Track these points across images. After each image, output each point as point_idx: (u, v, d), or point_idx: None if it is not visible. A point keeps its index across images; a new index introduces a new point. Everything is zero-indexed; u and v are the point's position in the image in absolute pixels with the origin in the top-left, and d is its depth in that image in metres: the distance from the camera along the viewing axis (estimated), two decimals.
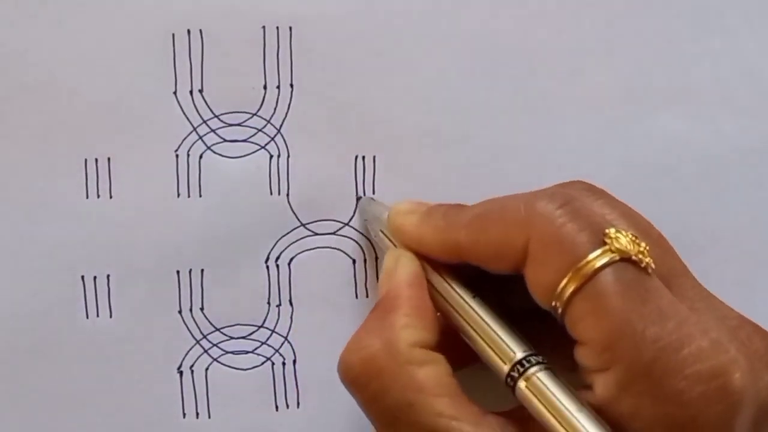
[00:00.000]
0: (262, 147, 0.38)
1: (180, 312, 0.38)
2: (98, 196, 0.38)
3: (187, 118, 0.38)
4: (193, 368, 0.38)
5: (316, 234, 0.39)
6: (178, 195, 0.38)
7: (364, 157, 0.39)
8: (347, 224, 0.39)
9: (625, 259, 0.30)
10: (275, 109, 0.38)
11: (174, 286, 0.38)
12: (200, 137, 0.38)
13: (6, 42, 0.36)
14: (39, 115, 0.37)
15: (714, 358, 0.29)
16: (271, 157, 0.38)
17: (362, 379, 0.33)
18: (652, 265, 0.31)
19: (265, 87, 0.38)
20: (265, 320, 0.39)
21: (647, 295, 0.30)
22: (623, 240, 0.30)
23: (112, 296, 0.38)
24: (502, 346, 0.32)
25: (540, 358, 0.32)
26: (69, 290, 0.38)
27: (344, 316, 0.39)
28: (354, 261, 0.39)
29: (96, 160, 0.37)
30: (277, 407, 0.39)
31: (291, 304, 0.39)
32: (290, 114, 0.38)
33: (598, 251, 0.30)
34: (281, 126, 0.38)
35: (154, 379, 0.38)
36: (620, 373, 0.29)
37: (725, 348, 0.30)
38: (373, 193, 0.39)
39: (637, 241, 0.31)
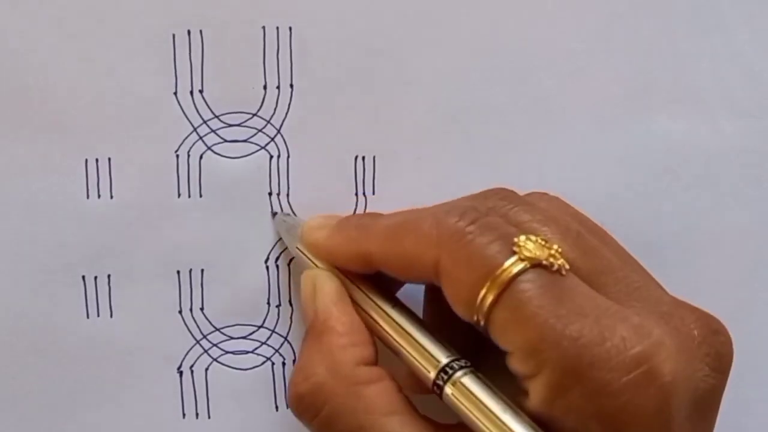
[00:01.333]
0: (262, 147, 0.38)
1: (180, 312, 0.38)
2: (99, 196, 0.38)
3: (188, 119, 0.38)
4: (193, 368, 0.38)
5: None
6: (178, 195, 0.38)
7: (364, 157, 0.39)
8: None
9: (536, 265, 0.30)
10: (275, 109, 0.38)
11: (174, 286, 0.38)
12: (200, 137, 0.38)
13: (6, 42, 0.36)
14: (39, 115, 0.37)
15: (637, 344, 0.29)
16: (271, 157, 0.38)
17: (312, 409, 0.33)
18: (566, 266, 0.31)
19: (265, 87, 0.38)
20: (265, 320, 0.39)
21: (563, 296, 0.30)
22: (531, 246, 0.30)
23: (112, 296, 0.38)
24: (425, 354, 0.32)
25: (464, 363, 0.32)
26: (69, 290, 0.38)
27: None
28: None
29: (96, 160, 0.37)
30: (277, 407, 0.39)
31: (291, 304, 0.39)
32: (290, 114, 0.38)
33: (511, 260, 0.30)
34: (281, 126, 0.38)
35: (154, 379, 0.38)
36: (548, 376, 0.29)
37: (648, 332, 0.30)
38: (373, 193, 0.39)
39: (547, 244, 0.31)
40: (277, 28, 0.38)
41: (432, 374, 0.32)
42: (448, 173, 0.39)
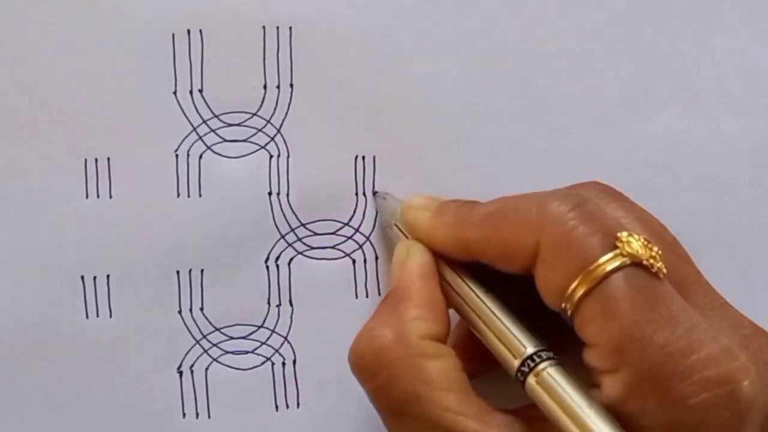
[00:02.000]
0: (262, 147, 0.38)
1: (180, 312, 0.38)
2: (98, 196, 0.38)
3: (187, 118, 0.38)
4: (193, 368, 0.38)
5: (316, 234, 0.39)
6: (178, 195, 0.38)
7: (364, 157, 0.39)
8: (347, 224, 0.39)
9: (636, 264, 0.30)
10: (275, 109, 0.38)
11: (174, 286, 0.38)
12: (200, 137, 0.38)
13: (6, 42, 0.36)
14: (39, 115, 0.37)
15: (723, 365, 0.29)
16: (271, 157, 0.38)
17: (372, 369, 0.33)
18: (664, 270, 0.31)
19: (265, 87, 0.38)
20: (265, 320, 0.39)
21: (657, 300, 0.30)
22: (635, 244, 0.30)
23: (112, 296, 0.38)
24: (513, 341, 0.32)
25: (550, 354, 0.32)
26: (69, 290, 0.38)
27: (344, 317, 0.39)
28: (354, 261, 0.39)
29: (96, 160, 0.37)
30: (277, 407, 0.39)
31: (291, 304, 0.39)
32: (290, 114, 0.38)
33: (609, 255, 0.30)
34: (281, 126, 0.38)
35: (154, 379, 0.38)
36: (628, 376, 0.29)
37: (735, 355, 0.30)
38: (373, 193, 0.39)
39: (650, 245, 0.31)
40: (277, 28, 0.38)
41: (517, 362, 0.32)
42: (448, 173, 0.39)
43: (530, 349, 0.32)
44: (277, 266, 0.39)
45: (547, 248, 0.31)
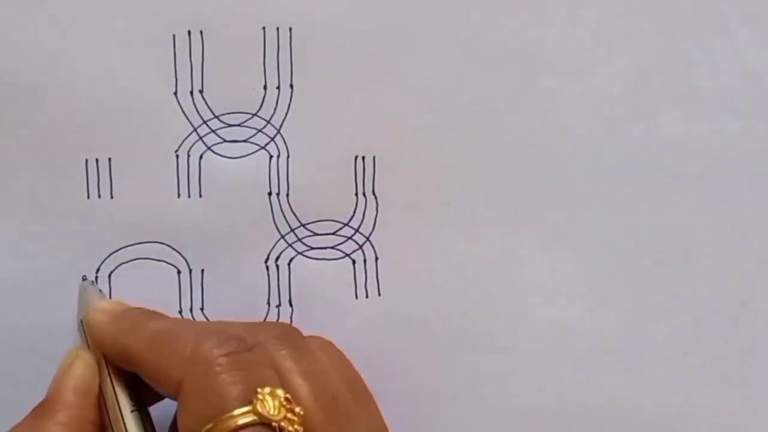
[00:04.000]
0: (262, 147, 0.38)
1: (180, 312, 0.38)
2: (99, 196, 0.38)
3: (188, 119, 0.38)
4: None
5: (316, 234, 0.39)
6: (178, 195, 0.38)
7: (364, 157, 0.39)
8: (347, 224, 0.39)
9: (266, 424, 0.30)
10: (275, 109, 0.38)
11: (174, 286, 0.38)
12: (200, 137, 0.38)
13: (6, 42, 0.36)
14: (39, 115, 0.37)
15: None
16: (271, 157, 0.38)
17: None
18: None
19: (265, 87, 0.38)
20: (265, 320, 0.39)
21: None
22: (269, 403, 0.30)
23: (112, 296, 0.38)
24: None
25: None
26: (70, 290, 0.38)
27: (344, 317, 0.39)
28: (354, 261, 0.39)
29: (97, 160, 0.38)
30: None
31: (291, 304, 0.39)
32: (290, 114, 0.38)
33: (244, 409, 0.30)
34: (281, 126, 0.38)
35: None
36: None
37: None
38: (373, 193, 0.39)
39: (290, 406, 0.30)
40: (277, 28, 0.38)
41: None
42: (448, 173, 0.39)
43: None
44: (277, 266, 0.39)
45: (188, 388, 0.31)
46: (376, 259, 0.39)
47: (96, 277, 0.38)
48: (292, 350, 0.33)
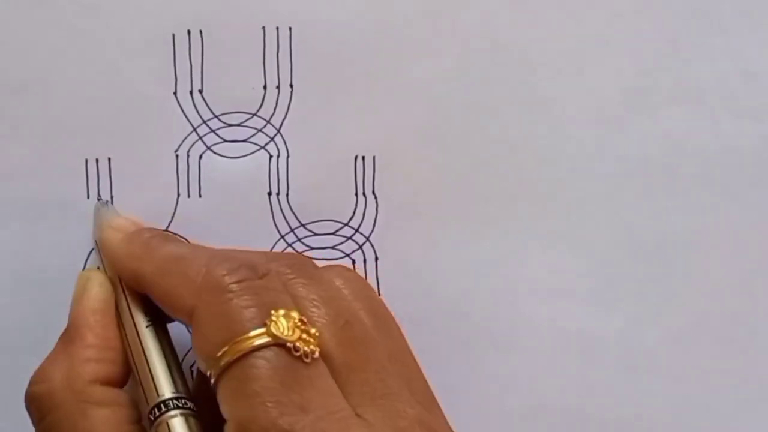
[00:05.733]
0: (262, 147, 0.38)
1: None
2: (99, 196, 0.38)
3: (187, 119, 0.38)
4: (193, 368, 0.38)
5: (316, 234, 0.39)
6: (178, 195, 0.38)
7: (364, 157, 0.39)
8: (347, 224, 0.39)
9: (280, 345, 0.29)
10: (275, 109, 0.38)
11: None
12: (200, 137, 0.38)
13: (6, 42, 0.36)
14: (39, 115, 0.37)
15: None
16: (271, 157, 0.38)
17: (38, 413, 0.32)
18: (315, 354, 0.30)
19: (265, 87, 0.38)
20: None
21: (294, 384, 0.29)
22: (283, 324, 0.30)
23: None
24: (150, 384, 0.31)
25: (185, 404, 0.31)
26: (70, 290, 0.38)
27: None
28: (354, 261, 0.39)
29: (97, 160, 0.38)
30: None
31: None
32: (290, 114, 0.38)
33: (258, 331, 0.30)
34: (281, 126, 0.38)
35: None
36: None
37: None
38: (373, 193, 0.39)
39: (304, 326, 0.30)
40: (277, 28, 0.38)
41: (148, 407, 0.31)
42: (448, 173, 0.39)
43: (167, 395, 0.31)
44: None
45: (200, 314, 0.31)
46: (376, 259, 0.39)
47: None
48: (305, 278, 0.33)
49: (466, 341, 0.39)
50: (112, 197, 0.38)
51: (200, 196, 0.38)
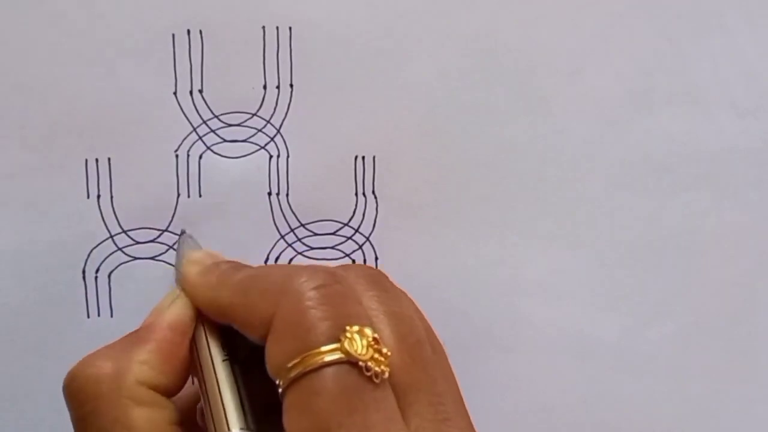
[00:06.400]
0: (262, 147, 0.38)
1: None
2: (99, 196, 0.38)
3: (187, 119, 0.38)
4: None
5: (316, 234, 0.39)
6: (178, 195, 0.38)
7: (364, 157, 0.39)
8: (347, 224, 0.39)
9: (352, 363, 0.29)
10: (275, 109, 0.38)
11: (174, 286, 0.38)
12: (200, 137, 0.38)
13: (6, 42, 0.36)
14: (39, 115, 0.37)
15: None
16: (271, 157, 0.38)
17: (80, 396, 0.32)
18: (385, 375, 0.30)
19: (265, 87, 0.38)
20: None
21: (359, 405, 0.29)
22: (357, 342, 0.29)
23: (112, 295, 0.38)
24: (221, 416, 0.31)
25: None
26: (70, 290, 0.38)
27: None
28: (354, 261, 0.39)
29: (97, 160, 0.38)
30: None
31: None
32: (290, 114, 0.38)
33: (331, 346, 0.29)
34: (281, 126, 0.38)
35: None
36: None
37: None
38: (373, 193, 0.39)
39: (378, 346, 0.30)
40: (277, 28, 0.38)
41: None
42: (448, 173, 0.39)
43: (235, 429, 0.31)
44: None
45: (279, 322, 0.30)
46: (376, 259, 0.39)
47: (96, 277, 0.38)
48: (380, 291, 0.32)
49: (466, 341, 0.39)
50: (112, 197, 0.38)
51: (200, 196, 0.38)
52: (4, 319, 0.37)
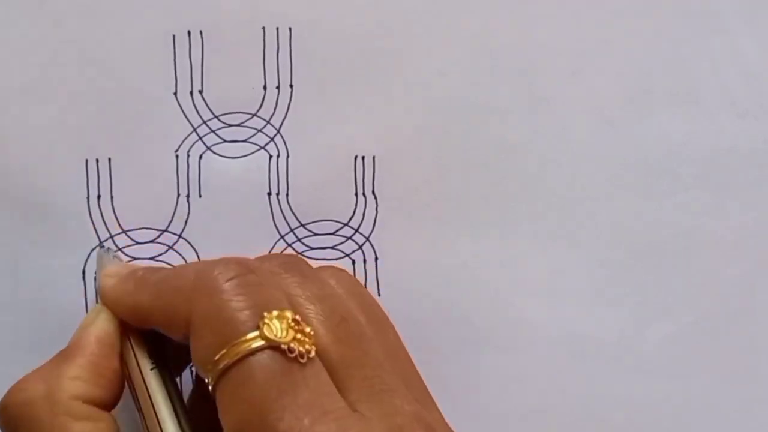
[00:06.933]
0: (262, 147, 0.38)
1: None
2: (99, 196, 0.38)
3: (187, 119, 0.38)
4: (193, 368, 0.38)
5: (316, 234, 0.39)
6: (178, 195, 0.38)
7: (363, 157, 0.39)
8: (347, 224, 0.39)
9: (274, 347, 0.29)
10: (275, 109, 0.38)
11: None
12: (200, 138, 0.38)
13: (6, 42, 0.36)
14: (39, 115, 0.37)
15: None
16: (271, 157, 0.38)
17: (16, 423, 0.31)
18: (311, 353, 0.30)
19: (265, 87, 0.38)
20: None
21: (289, 387, 0.29)
22: (276, 326, 0.29)
23: None
24: (156, 426, 0.32)
25: None
26: (69, 289, 0.38)
27: None
28: (354, 261, 0.39)
29: (96, 160, 0.38)
30: None
31: None
32: (290, 114, 0.38)
33: (252, 334, 0.29)
34: (281, 126, 0.38)
35: None
36: None
37: None
38: (373, 193, 0.39)
39: (299, 326, 0.30)
40: (277, 28, 0.38)
41: None
42: (448, 173, 0.39)
43: None
44: None
45: (197, 319, 0.30)
46: (376, 259, 0.39)
47: (95, 278, 0.38)
48: (299, 276, 0.33)
49: (466, 341, 0.39)
50: (112, 197, 0.38)
51: (200, 196, 0.38)
52: (4, 319, 0.37)
